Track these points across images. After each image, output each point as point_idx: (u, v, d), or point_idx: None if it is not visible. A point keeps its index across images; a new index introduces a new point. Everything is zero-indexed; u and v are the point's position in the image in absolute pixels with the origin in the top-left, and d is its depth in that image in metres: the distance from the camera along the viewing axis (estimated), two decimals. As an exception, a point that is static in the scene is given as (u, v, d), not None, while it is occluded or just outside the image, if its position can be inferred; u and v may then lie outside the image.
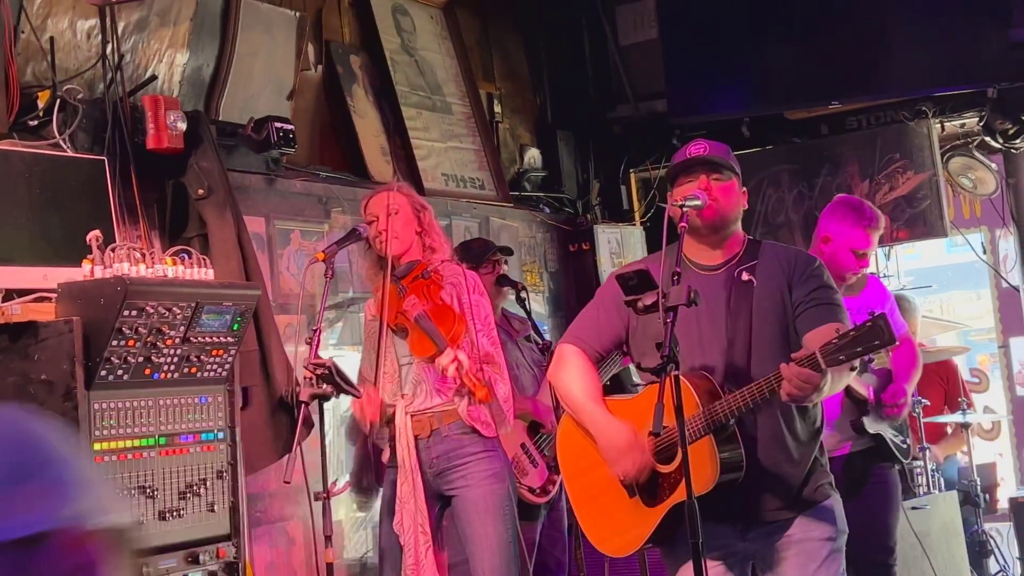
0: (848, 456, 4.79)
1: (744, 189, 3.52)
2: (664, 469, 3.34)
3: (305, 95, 5.66)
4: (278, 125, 4.92)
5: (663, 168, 6.88)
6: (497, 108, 7.11)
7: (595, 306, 3.62)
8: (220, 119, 4.94)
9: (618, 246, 7.30)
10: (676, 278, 3.14)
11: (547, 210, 7.17)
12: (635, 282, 3.22)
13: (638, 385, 3.99)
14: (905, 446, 4.99)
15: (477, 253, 5.31)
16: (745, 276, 3.40)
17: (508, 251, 5.67)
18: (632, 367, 3.83)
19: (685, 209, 3.35)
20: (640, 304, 3.21)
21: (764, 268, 3.42)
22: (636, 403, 3.47)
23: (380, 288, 4.39)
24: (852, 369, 3.25)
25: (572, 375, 3.54)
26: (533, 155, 7.20)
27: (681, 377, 3.08)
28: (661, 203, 7.17)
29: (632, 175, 7.73)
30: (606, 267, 7.11)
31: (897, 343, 2.92)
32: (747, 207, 3.54)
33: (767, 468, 3.34)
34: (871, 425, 4.82)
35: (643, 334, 3.41)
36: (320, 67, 5.80)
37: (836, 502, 3.45)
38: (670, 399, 3.04)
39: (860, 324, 2.97)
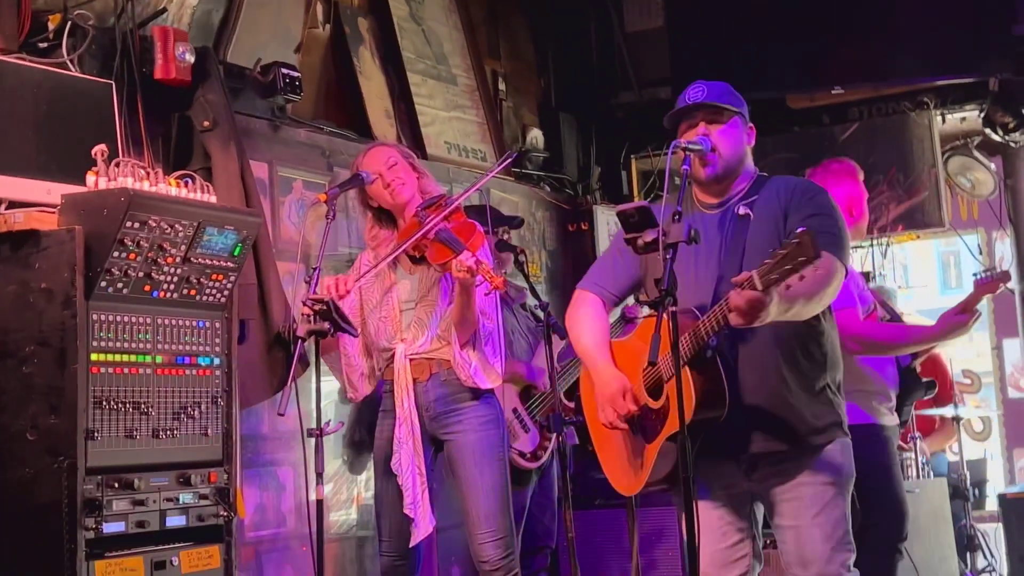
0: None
1: (750, 125, 3.51)
2: (654, 405, 3.34)
3: (312, 53, 5.66)
4: (285, 71, 4.93)
5: (664, 153, 6.87)
6: (501, 86, 7.13)
7: (613, 249, 3.62)
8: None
9: (616, 227, 7.28)
10: (677, 217, 3.10)
11: (548, 188, 7.18)
12: (636, 219, 3.21)
13: None
14: None
15: (489, 220, 5.27)
16: (742, 210, 3.37)
17: (519, 223, 5.62)
18: None
19: (688, 153, 3.36)
20: (640, 241, 3.20)
21: (763, 200, 3.38)
22: (633, 343, 3.48)
23: (383, 243, 4.39)
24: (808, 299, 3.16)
25: (582, 322, 3.59)
26: (535, 135, 7.20)
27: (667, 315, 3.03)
28: (660, 191, 7.16)
29: (633, 161, 7.75)
30: (604, 248, 7.10)
31: (822, 257, 2.89)
32: (752, 143, 3.51)
33: (764, 400, 3.30)
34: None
35: (655, 274, 3.35)
36: (328, 26, 5.80)
37: (844, 444, 3.40)
38: (666, 331, 3.03)
39: (788, 240, 2.91)
